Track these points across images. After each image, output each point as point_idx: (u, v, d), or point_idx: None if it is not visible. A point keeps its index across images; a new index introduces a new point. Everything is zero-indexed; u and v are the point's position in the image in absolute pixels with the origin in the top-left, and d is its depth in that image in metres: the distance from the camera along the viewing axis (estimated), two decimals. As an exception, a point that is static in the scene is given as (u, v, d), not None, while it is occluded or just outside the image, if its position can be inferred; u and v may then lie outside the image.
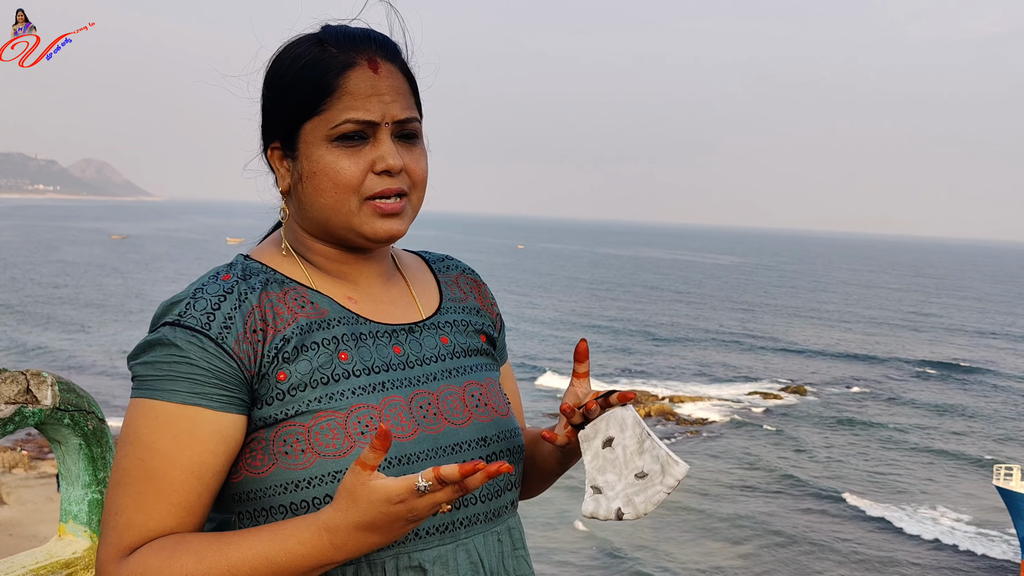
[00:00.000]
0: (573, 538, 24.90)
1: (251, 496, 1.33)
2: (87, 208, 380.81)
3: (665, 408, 40.10)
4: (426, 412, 1.40)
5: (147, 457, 1.28)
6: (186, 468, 1.28)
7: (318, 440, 1.31)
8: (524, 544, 1.50)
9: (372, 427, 1.33)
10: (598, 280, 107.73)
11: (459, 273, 1.63)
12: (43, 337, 52.05)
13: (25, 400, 2.22)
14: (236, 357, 1.30)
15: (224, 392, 1.30)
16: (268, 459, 1.32)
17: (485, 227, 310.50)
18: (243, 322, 1.32)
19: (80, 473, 2.44)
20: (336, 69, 1.36)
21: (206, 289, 1.34)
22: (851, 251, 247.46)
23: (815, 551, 25.06)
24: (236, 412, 1.31)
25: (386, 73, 1.39)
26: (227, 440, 1.30)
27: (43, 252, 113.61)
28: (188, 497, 1.29)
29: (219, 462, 1.30)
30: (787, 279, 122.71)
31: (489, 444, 1.44)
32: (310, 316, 1.38)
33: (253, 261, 1.44)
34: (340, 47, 1.39)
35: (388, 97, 1.37)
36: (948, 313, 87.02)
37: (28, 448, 30.06)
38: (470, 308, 1.58)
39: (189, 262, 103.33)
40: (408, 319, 1.48)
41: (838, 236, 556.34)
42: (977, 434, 39.57)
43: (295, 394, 1.32)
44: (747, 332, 67.06)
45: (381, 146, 1.37)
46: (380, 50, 1.40)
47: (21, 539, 22.33)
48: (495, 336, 1.62)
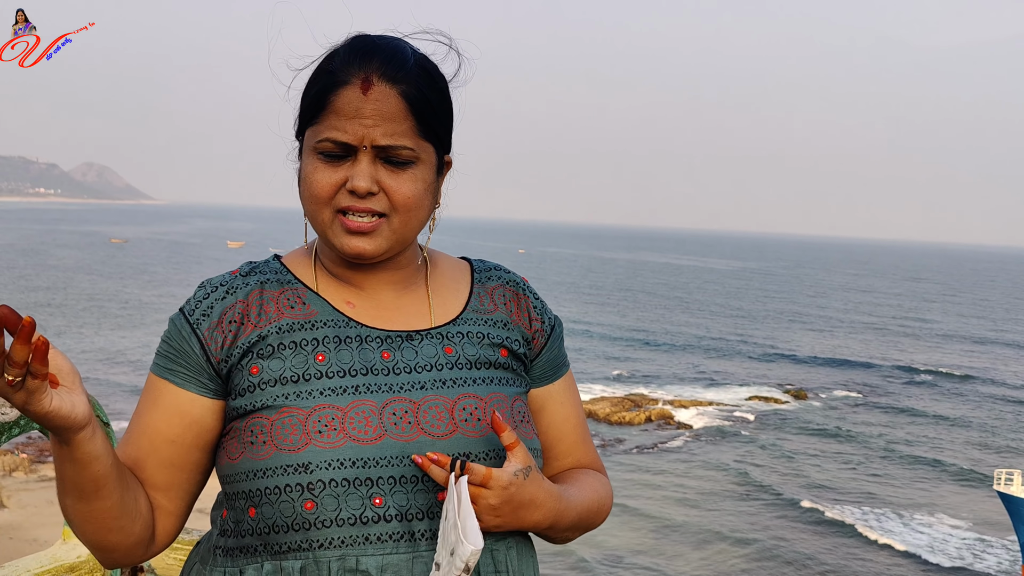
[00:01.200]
0: (569, 549, 24.85)
1: (227, 480, 1.43)
2: (88, 212, 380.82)
3: (665, 412, 40.05)
4: (398, 420, 1.39)
5: (137, 411, 1.48)
6: (142, 427, 1.45)
7: (278, 434, 1.37)
8: (509, 568, 1.44)
9: (332, 427, 1.36)
10: (598, 284, 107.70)
11: (499, 284, 1.59)
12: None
13: (30, 404, 2.21)
14: (203, 342, 1.42)
15: (187, 372, 1.43)
16: (239, 447, 1.40)
17: (486, 231, 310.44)
18: (220, 313, 1.43)
19: (85, 477, 2.43)
20: (332, 85, 1.41)
21: (210, 282, 1.48)
22: (850, 255, 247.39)
23: (808, 563, 25.02)
24: (195, 391, 1.43)
25: (378, 95, 1.39)
26: (183, 415, 1.43)
27: (43, 255, 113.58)
28: (138, 452, 1.45)
29: (172, 432, 1.43)
30: (787, 283, 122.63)
31: (471, 459, 1.39)
32: (296, 317, 1.44)
33: (275, 261, 1.53)
34: (344, 62, 1.42)
35: (370, 121, 1.38)
36: (946, 319, 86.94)
37: (29, 452, 30.04)
38: (495, 321, 1.54)
39: (189, 266, 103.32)
40: (411, 327, 1.48)
41: (840, 241, 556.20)
42: (978, 442, 39.52)
43: (265, 388, 1.40)
44: (747, 336, 67.00)
45: (355, 165, 1.40)
46: (380, 70, 1.40)
47: (21, 543, 22.31)
48: (524, 352, 1.56)
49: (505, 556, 1.44)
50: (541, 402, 1.59)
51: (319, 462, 1.34)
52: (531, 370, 1.58)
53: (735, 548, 25.25)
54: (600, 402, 41.39)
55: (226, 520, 1.44)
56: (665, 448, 35.00)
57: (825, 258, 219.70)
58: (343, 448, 1.35)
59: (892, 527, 27.65)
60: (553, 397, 1.60)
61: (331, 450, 1.34)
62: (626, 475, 31.14)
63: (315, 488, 1.33)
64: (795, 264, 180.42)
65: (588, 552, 24.33)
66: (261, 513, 1.36)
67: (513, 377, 1.53)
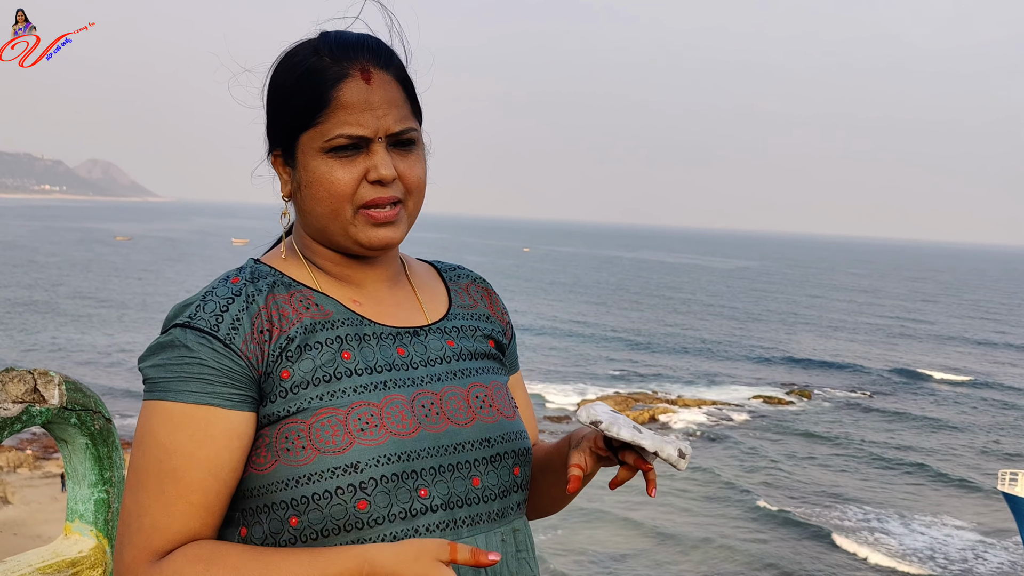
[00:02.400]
0: (577, 542, 24.88)
1: (254, 492, 1.36)
2: (93, 209, 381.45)
3: (668, 411, 40.05)
4: (428, 411, 1.41)
5: (165, 458, 1.31)
6: (204, 467, 1.31)
7: (318, 437, 1.33)
8: (529, 547, 1.50)
9: (372, 424, 1.34)
10: (602, 283, 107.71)
11: (469, 282, 1.65)
12: (45, 337, 52.13)
13: (32, 399, 2.23)
14: (244, 357, 1.33)
15: (235, 391, 1.33)
16: (270, 456, 1.34)
17: (491, 230, 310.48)
18: (250, 323, 1.35)
19: (87, 472, 2.44)
20: (330, 81, 1.37)
21: (215, 292, 1.38)
22: (857, 255, 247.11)
23: (809, 563, 25.00)
24: (247, 410, 1.34)
25: (379, 83, 1.39)
26: (240, 437, 1.33)
27: (48, 253, 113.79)
28: (207, 496, 1.32)
29: (234, 459, 1.33)
30: (793, 283, 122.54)
31: (493, 445, 1.45)
32: (314, 317, 1.41)
33: (263, 265, 1.47)
34: (334, 56, 1.39)
35: (381, 111, 1.38)
36: (949, 321, 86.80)
37: (33, 448, 30.10)
38: (479, 314, 1.60)
39: (193, 263, 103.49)
40: (413, 323, 1.50)
41: (844, 240, 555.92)
42: (982, 445, 39.47)
43: (297, 392, 1.35)
44: (751, 335, 66.98)
45: (374, 156, 1.38)
46: (373, 58, 1.40)
47: (25, 539, 22.36)
48: (504, 343, 1.64)
49: (524, 535, 1.50)
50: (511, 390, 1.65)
51: (367, 460, 1.32)
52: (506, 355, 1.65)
53: (736, 546, 25.25)
54: (604, 400, 41.34)
55: (248, 537, 1.37)
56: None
57: (831, 257, 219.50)
58: (387, 444, 1.34)
59: (894, 528, 27.64)
60: (518, 386, 1.68)
61: (376, 447, 1.33)
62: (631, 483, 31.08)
63: (367, 487, 1.32)
64: (796, 263, 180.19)
65: (589, 551, 24.34)
66: (307, 520, 1.32)
67: (501, 367, 1.60)
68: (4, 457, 28.74)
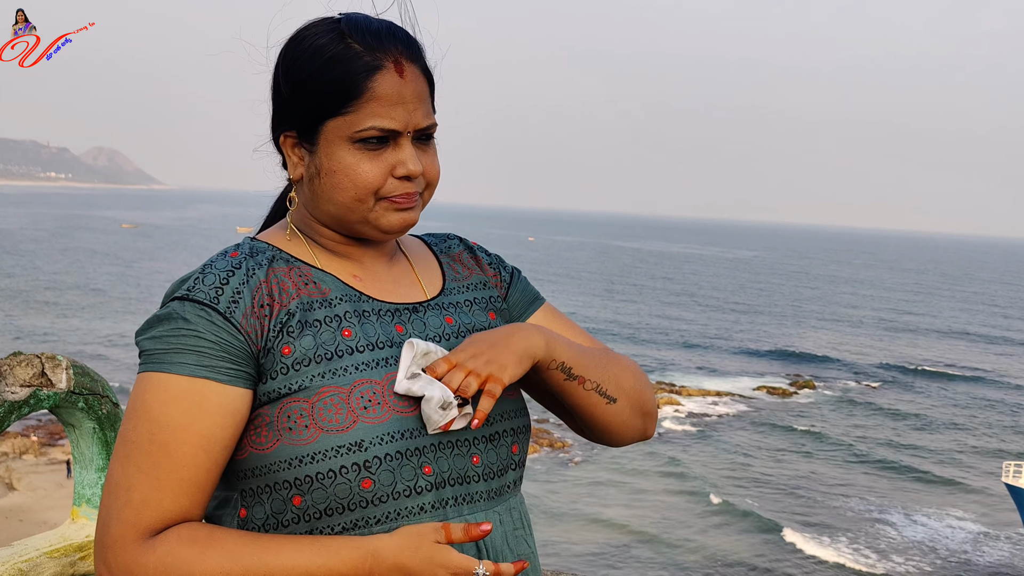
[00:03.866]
0: (577, 527, 24.93)
1: (256, 472, 1.34)
2: (99, 196, 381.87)
3: (672, 401, 40.08)
4: None
5: (157, 431, 1.28)
6: (196, 442, 1.28)
7: (322, 415, 1.31)
8: (526, 523, 1.50)
9: (375, 402, 1.33)
10: (605, 272, 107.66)
11: (460, 250, 1.63)
12: (52, 323, 52.28)
13: (40, 383, 2.23)
14: (243, 331, 1.31)
15: (231, 366, 1.30)
16: (272, 435, 1.32)
17: (497, 219, 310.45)
18: (251, 296, 1.33)
19: (94, 457, 2.45)
20: (363, 71, 1.35)
21: (215, 265, 1.36)
22: (867, 246, 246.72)
23: (810, 556, 25.02)
24: (243, 386, 1.31)
25: (411, 77, 1.38)
26: (234, 414, 1.31)
27: (54, 240, 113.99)
28: (199, 472, 1.29)
29: (227, 436, 1.30)
30: (797, 274, 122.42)
31: (492, 423, 1.43)
32: (312, 294, 1.39)
33: (260, 242, 1.45)
34: (365, 45, 1.36)
35: (412, 105, 1.37)
36: (952, 314, 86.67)
37: (39, 434, 30.20)
38: (475, 284, 1.59)
39: (199, 251, 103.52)
40: (412, 299, 1.48)
41: (858, 231, 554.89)
42: (987, 438, 39.46)
43: (299, 369, 1.33)
44: (756, 326, 66.96)
45: (402, 151, 1.38)
46: (406, 51, 1.39)
47: (31, 524, 22.46)
48: (505, 307, 1.61)
49: (520, 512, 1.49)
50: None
51: (371, 439, 1.31)
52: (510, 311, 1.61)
53: (739, 536, 25.29)
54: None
55: (248, 518, 1.35)
56: (671, 437, 34.99)
57: (833, 248, 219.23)
58: (390, 421, 1.33)
59: (896, 520, 27.65)
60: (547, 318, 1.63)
61: (380, 424, 1.32)
62: (633, 463, 31.19)
63: (372, 465, 1.31)
64: (799, 254, 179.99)
65: (592, 537, 24.40)
66: (311, 499, 1.31)
67: None
68: (9, 443, 28.83)
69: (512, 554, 1.44)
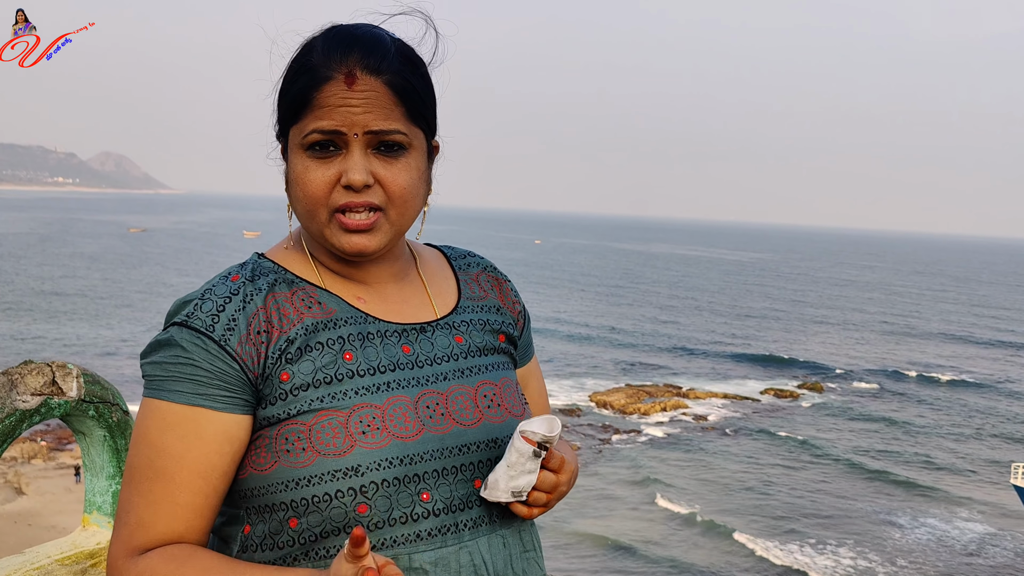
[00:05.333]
0: (582, 538, 24.90)
1: (256, 492, 1.34)
2: (106, 201, 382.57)
3: (680, 404, 40.01)
4: (433, 412, 1.38)
5: (155, 457, 1.30)
6: (193, 469, 1.30)
7: (319, 439, 1.31)
8: (535, 546, 1.48)
9: (374, 427, 1.32)
10: (611, 275, 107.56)
11: (480, 271, 1.61)
12: (60, 329, 52.37)
13: (51, 391, 2.24)
14: (239, 359, 1.31)
15: (227, 393, 1.31)
16: (271, 457, 1.32)
17: (504, 222, 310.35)
18: (247, 324, 1.33)
19: (104, 464, 2.45)
20: (315, 81, 1.34)
21: (214, 290, 1.36)
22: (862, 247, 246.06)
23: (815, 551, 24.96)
24: (240, 412, 1.32)
25: (364, 86, 1.34)
26: (232, 440, 1.32)
27: (62, 244, 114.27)
28: (195, 498, 1.31)
29: (225, 463, 1.32)
30: (802, 275, 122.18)
31: (499, 445, 1.42)
32: (316, 316, 1.38)
33: (267, 260, 1.44)
34: (324, 55, 1.35)
35: (360, 109, 1.33)
36: (958, 317, 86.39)
37: (48, 439, 30.26)
38: (489, 307, 1.57)
39: (205, 256, 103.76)
40: (420, 318, 1.47)
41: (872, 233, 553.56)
42: (993, 440, 39.33)
43: (297, 394, 1.33)
44: (763, 328, 66.83)
45: (347, 159, 1.34)
46: (363, 61, 1.35)
47: (40, 529, 22.52)
48: (516, 336, 1.60)
49: (531, 534, 1.49)
50: (525, 379, 1.65)
51: (368, 463, 1.30)
52: (519, 345, 1.63)
53: (754, 534, 25.24)
54: (615, 393, 41.36)
55: (250, 536, 1.36)
56: (679, 440, 34.94)
57: (839, 251, 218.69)
58: (389, 447, 1.32)
59: (903, 522, 27.58)
60: (532, 374, 1.67)
61: (377, 450, 1.31)
62: (642, 465, 31.14)
63: (367, 491, 1.30)
64: (805, 256, 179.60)
65: (598, 548, 24.37)
66: (307, 522, 1.31)
67: (510, 361, 1.57)
68: (18, 448, 28.89)
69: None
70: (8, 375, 2.20)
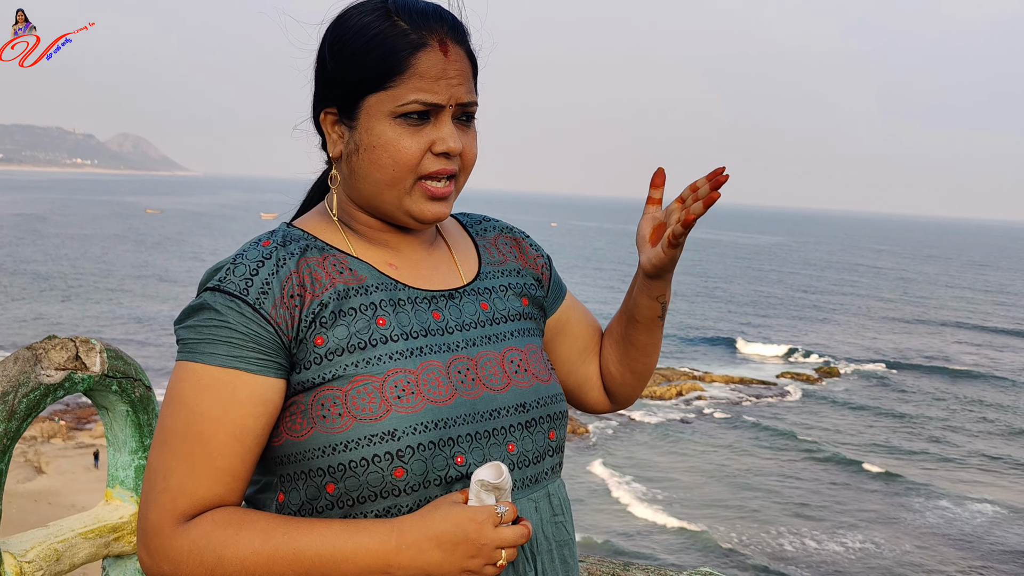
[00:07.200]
0: (610, 508, 24.98)
1: (291, 459, 1.35)
2: (124, 182, 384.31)
3: (696, 387, 39.96)
4: (464, 377, 1.40)
5: (192, 420, 1.30)
6: (229, 431, 1.30)
7: (355, 404, 1.32)
8: (565, 510, 1.50)
9: (409, 391, 1.34)
10: (626, 257, 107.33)
11: (497, 233, 1.64)
12: (79, 307, 52.77)
13: (75, 366, 2.26)
14: (273, 322, 1.32)
15: (261, 356, 1.31)
16: (307, 423, 1.33)
17: (520, 205, 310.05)
18: (280, 287, 1.33)
19: (127, 439, 2.48)
20: (407, 47, 1.36)
21: (246, 255, 1.36)
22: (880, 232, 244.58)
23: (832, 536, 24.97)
24: (274, 376, 1.32)
25: (455, 56, 1.38)
26: (266, 403, 1.32)
27: (80, 225, 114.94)
28: (232, 461, 1.31)
29: (259, 425, 1.32)
30: (820, 259, 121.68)
31: (528, 410, 1.44)
32: (348, 282, 1.39)
33: (295, 228, 1.45)
34: (412, 23, 1.37)
35: (455, 80, 1.37)
36: (977, 305, 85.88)
37: (67, 419, 30.49)
38: (510, 270, 1.59)
39: (223, 237, 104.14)
40: (449, 285, 1.49)
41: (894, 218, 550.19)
42: (1012, 426, 39.16)
43: (332, 359, 1.34)
44: (780, 312, 66.65)
45: (442, 127, 1.38)
46: (451, 32, 1.40)
47: (60, 508, 22.71)
48: (541, 295, 1.62)
49: (560, 498, 1.50)
50: (566, 317, 1.68)
51: (404, 428, 1.32)
52: (546, 300, 1.65)
53: (770, 516, 25.26)
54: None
55: (285, 504, 1.37)
56: (696, 424, 34.94)
57: (856, 234, 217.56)
58: (424, 411, 1.34)
59: (916, 505, 27.52)
60: (573, 307, 1.70)
61: (413, 414, 1.33)
62: (658, 450, 31.18)
63: (404, 455, 1.31)
64: (821, 240, 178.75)
65: (619, 526, 24.43)
66: (344, 486, 1.33)
67: (536, 327, 1.59)
68: (38, 427, 29.12)
69: (548, 541, 1.45)
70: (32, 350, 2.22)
